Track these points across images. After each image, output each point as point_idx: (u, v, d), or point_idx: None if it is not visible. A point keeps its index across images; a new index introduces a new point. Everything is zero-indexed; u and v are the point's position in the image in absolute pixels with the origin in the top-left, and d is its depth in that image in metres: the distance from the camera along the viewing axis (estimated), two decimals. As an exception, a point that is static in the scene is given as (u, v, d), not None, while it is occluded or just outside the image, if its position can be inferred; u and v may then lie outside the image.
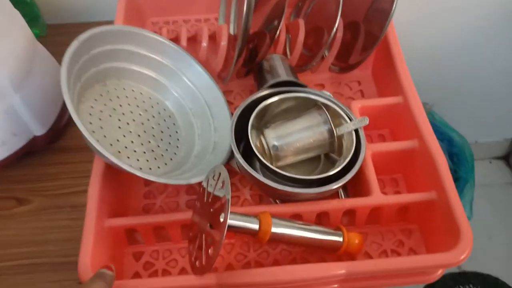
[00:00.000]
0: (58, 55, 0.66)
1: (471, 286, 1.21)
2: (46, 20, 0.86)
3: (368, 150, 0.56)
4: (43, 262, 0.62)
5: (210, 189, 0.47)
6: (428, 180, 0.55)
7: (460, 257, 0.46)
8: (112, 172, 0.55)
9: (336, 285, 0.54)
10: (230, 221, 0.45)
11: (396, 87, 0.63)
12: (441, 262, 0.47)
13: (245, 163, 0.52)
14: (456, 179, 1.14)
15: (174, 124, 0.64)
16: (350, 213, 0.56)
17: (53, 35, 0.86)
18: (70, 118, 0.73)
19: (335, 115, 0.57)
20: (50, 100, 0.69)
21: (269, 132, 0.56)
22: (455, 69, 1.11)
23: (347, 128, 0.56)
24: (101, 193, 0.52)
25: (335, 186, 0.51)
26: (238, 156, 0.53)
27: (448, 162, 1.14)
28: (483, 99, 1.21)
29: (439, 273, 0.54)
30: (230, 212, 0.44)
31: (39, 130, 0.67)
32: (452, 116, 1.20)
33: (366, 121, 0.56)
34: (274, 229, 0.47)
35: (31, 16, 0.62)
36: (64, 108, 0.72)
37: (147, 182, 0.63)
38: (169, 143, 0.61)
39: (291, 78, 0.64)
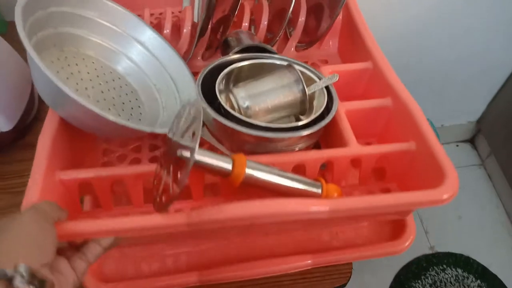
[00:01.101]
0: (20, 52, 0.67)
1: (444, 266, 1.21)
2: (5, 17, 0.82)
3: (341, 107, 0.53)
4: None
5: (180, 128, 0.43)
6: (406, 133, 0.51)
7: (444, 196, 0.42)
8: (66, 128, 0.50)
9: (309, 261, 0.52)
10: (203, 158, 0.41)
11: (364, 55, 0.61)
12: (427, 198, 0.43)
13: (215, 112, 0.48)
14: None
15: (136, 99, 0.59)
16: (326, 171, 0.53)
17: (14, 32, 0.82)
18: (37, 113, 0.72)
19: (305, 77, 0.54)
20: (16, 96, 0.66)
21: (239, 91, 0.52)
22: (420, 53, 1.11)
23: (317, 86, 0.53)
24: (54, 144, 0.46)
25: (308, 131, 0.48)
26: (209, 109, 0.48)
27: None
28: (447, 83, 1.21)
29: (407, 244, 0.54)
30: (201, 149, 0.40)
31: (5, 126, 0.65)
32: (418, 100, 1.20)
33: (335, 77, 0.53)
34: (248, 171, 0.43)
35: (-12, 13, 0.62)
36: (30, 103, 0.69)
37: (107, 139, 0.58)
38: (131, 114, 0.57)
39: (258, 43, 0.61)
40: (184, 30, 0.63)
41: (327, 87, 0.54)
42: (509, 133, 1.25)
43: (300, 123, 0.49)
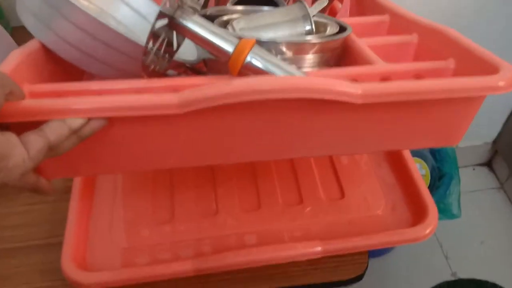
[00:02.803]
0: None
1: (468, 293, 1.09)
2: (11, 23, 0.82)
3: (363, 42, 0.45)
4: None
5: None
6: (439, 55, 0.42)
7: (500, 83, 0.33)
8: (49, 58, 0.42)
9: (319, 248, 0.46)
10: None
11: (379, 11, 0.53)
12: (482, 84, 0.33)
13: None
14: (441, 176, 1.06)
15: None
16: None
17: (17, 36, 0.79)
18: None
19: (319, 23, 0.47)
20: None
21: (239, 23, 0.44)
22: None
23: (311, 12, 0.44)
24: (28, 60, 0.37)
25: (318, 40, 0.40)
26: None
27: (431, 160, 1.07)
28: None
29: (428, 231, 0.48)
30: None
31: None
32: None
33: (325, 1, 0.47)
34: (252, 59, 0.33)
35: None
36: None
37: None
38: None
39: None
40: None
41: (341, 26, 0.47)
42: (529, 153, 1.17)
43: (308, 37, 0.41)
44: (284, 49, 0.39)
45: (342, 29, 0.46)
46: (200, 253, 0.48)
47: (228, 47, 0.34)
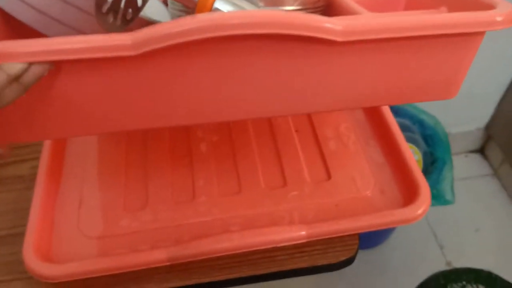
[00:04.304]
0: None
1: (464, 283, 1.06)
2: None
3: None
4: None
5: None
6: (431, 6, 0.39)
7: (498, 18, 0.31)
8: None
9: (303, 232, 0.43)
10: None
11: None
12: (480, 19, 0.31)
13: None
14: (433, 161, 1.03)
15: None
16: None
17: None
18: None
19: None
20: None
21: None
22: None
23: None
24: None
25: None
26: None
27: (423, 144, 1.05)
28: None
29: (420, 211, 0.45)
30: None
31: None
32: (423, 106, 1.12)
33: None
34: (221, 5, 0.30)
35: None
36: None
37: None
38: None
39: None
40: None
41: None
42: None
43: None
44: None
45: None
46: (179, 240, 0.45)
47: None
